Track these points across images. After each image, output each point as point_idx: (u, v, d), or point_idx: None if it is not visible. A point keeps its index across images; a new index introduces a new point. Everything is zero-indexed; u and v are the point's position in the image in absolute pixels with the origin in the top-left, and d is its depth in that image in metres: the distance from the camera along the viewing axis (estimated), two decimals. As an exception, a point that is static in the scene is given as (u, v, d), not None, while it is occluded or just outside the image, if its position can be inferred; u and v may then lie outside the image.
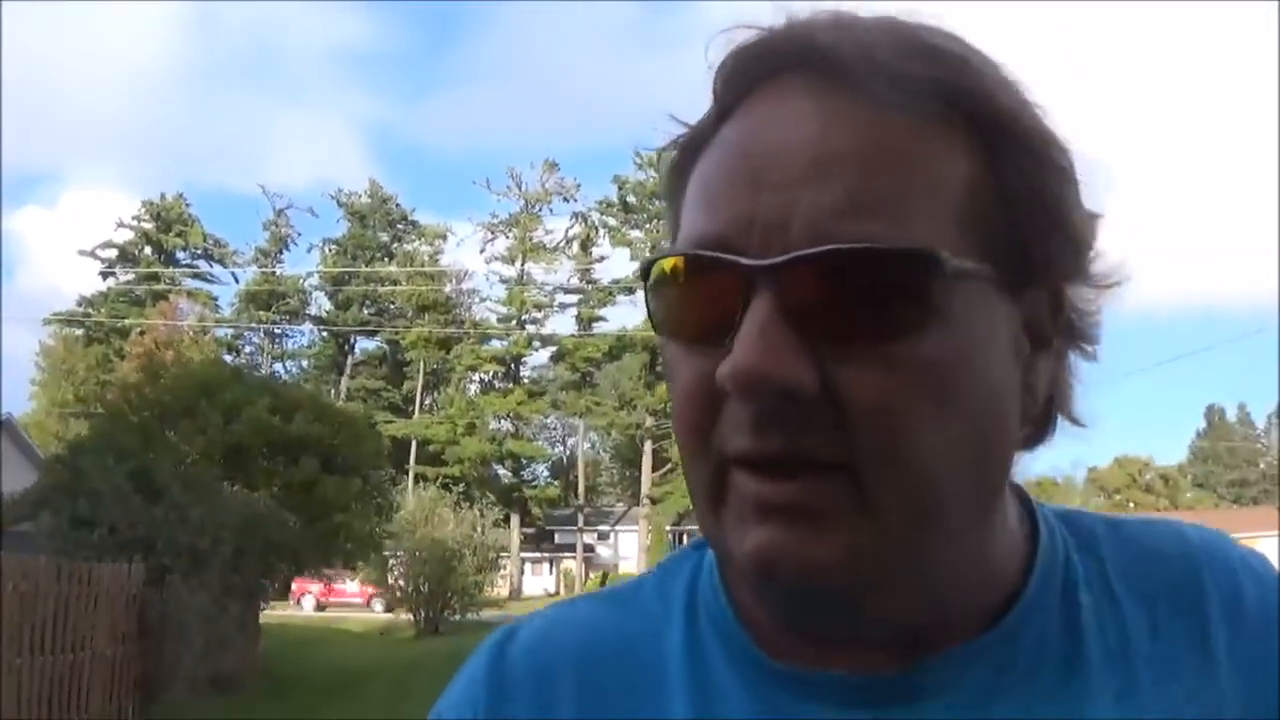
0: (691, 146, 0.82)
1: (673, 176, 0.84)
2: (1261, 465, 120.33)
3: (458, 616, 34.65)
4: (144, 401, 22.46)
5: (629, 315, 70.81)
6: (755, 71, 0.79)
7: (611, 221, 71.87)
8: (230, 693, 15.96)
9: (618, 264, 71.90)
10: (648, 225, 70.44)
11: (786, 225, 0.72)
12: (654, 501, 66.79)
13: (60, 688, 12.50)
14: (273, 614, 27.15)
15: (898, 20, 0.79)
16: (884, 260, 0.71)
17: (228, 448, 21.15)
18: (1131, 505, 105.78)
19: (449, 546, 33.91)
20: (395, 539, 31.07)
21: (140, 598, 14.51)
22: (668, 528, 67.27)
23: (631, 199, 70.42)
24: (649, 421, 66.73)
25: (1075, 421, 0.86)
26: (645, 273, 0.80)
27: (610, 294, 72.06)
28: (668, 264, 0.78)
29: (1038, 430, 0.84)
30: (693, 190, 0.80)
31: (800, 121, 0.75)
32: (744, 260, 0.72)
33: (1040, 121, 0.79)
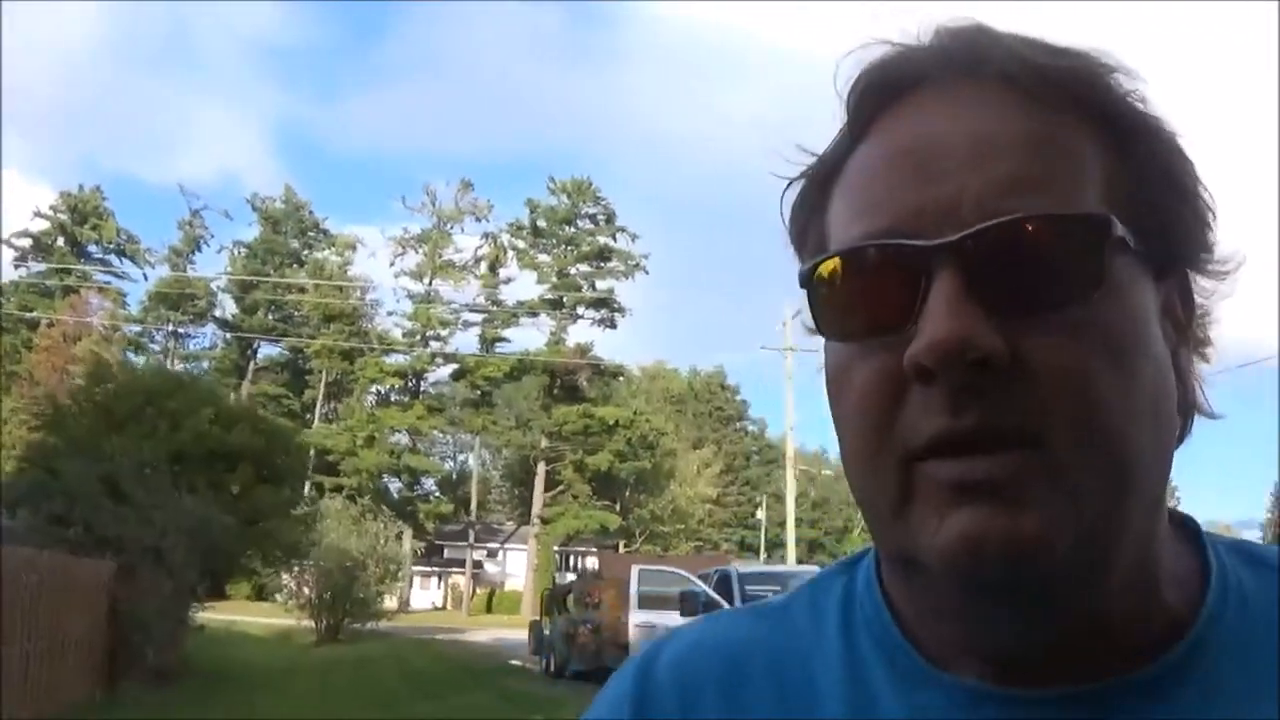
0: (828, 170, 0.85)
1: (810, 197, 0.86)
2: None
3: (357, 625, 35.97)
4: (92, 405, 23.47)
5: (531, 338, 72.20)
6: (895, 83, 0.82)
7: (520, 244, 73.27)
8: (172, 684, 17.06)
9: (524, 286, 73.31)
10: (555, 250, 72.02)
11: (955, 209, 0.74)
12: (544, 521, 68.10)
13: (39, 672, 13.35)
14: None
15: (1014, 29, 0.83)
16: (1058, 226, 0.74)
17: (171, 454, 22.04)
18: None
19: (354, 557, 35.30)
20: (316, 547, 32.26)
21: (111, 592, 15.68)
22: (555, 548, 68.63)
23: (542, 223, 71.94)
24: (544, 443, 68.07)
25: (1211, 415, 0.87)
26: (807, 278, 0.81)
27: (514, 316, 73.35)
28: (830, 265, 0.79)
29: (1181, 430, 0.84)
30: (841, 204, 0.83)
31: (950, 118, 0.78)
32: (923, 242, 0.74)
33: (1157, 111, 0.82)
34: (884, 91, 0.82)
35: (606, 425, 67.79)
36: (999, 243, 0.73)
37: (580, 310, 72.86)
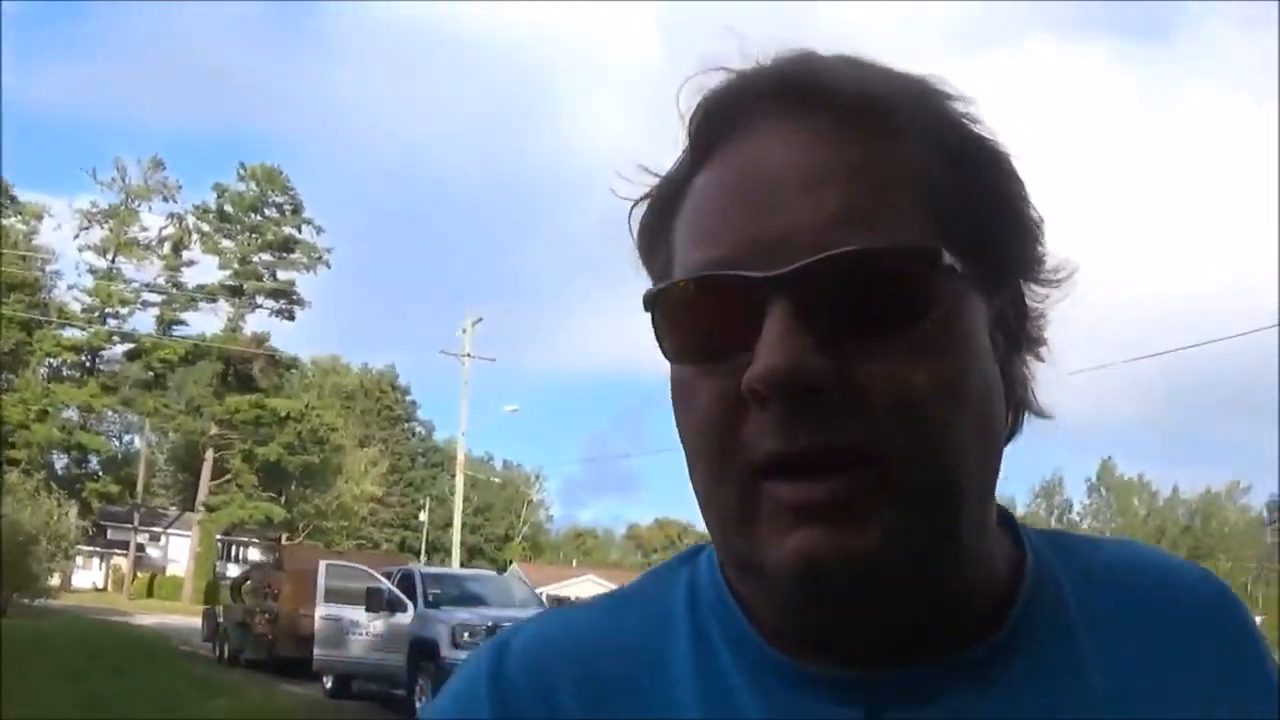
0: (671, 192, 0.88)
1: (655, 221, 0.90)
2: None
3: (26, 600, 34.94)
4: None
5: (209, 322, 70.90)
6: (732, 111, 0.85)
7: (206, 228, 71.88)
8: None
9: (206, 270, 71.91)
10: (240, 236, 70.94)
11: (789, 240, 0.78)
12: (210, 509, 66.96)
13: None
14: None
15: (847, 54, 0.86)
16: (886, 258, 0.77)
17: None
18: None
19: (26, 531, 34.49)
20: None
21: None
22: (218, 537, 67.60)
23: (229, 208, 70.75)
24: (214, 430, 66.99)
25: (1042, 415, 0.91)
26: (651, 303, 0.85)
27: (194, 299, 71.92)
28: (676, 291, 0.83)
29: (1010, 427, 0.89)
30: (683, 229, 0.86)
31: (785, 148, 0.82)
32: (758, 274, 0.77)
33: (990, 130, 0.87)
34: (722, 120, 0.85)
35: (278, 417, 67.24)
36: (829, 274, 0.76)
37: (260, 299, 72.00)
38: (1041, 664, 0.85)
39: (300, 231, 72.55)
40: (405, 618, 18.95)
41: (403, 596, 19.40)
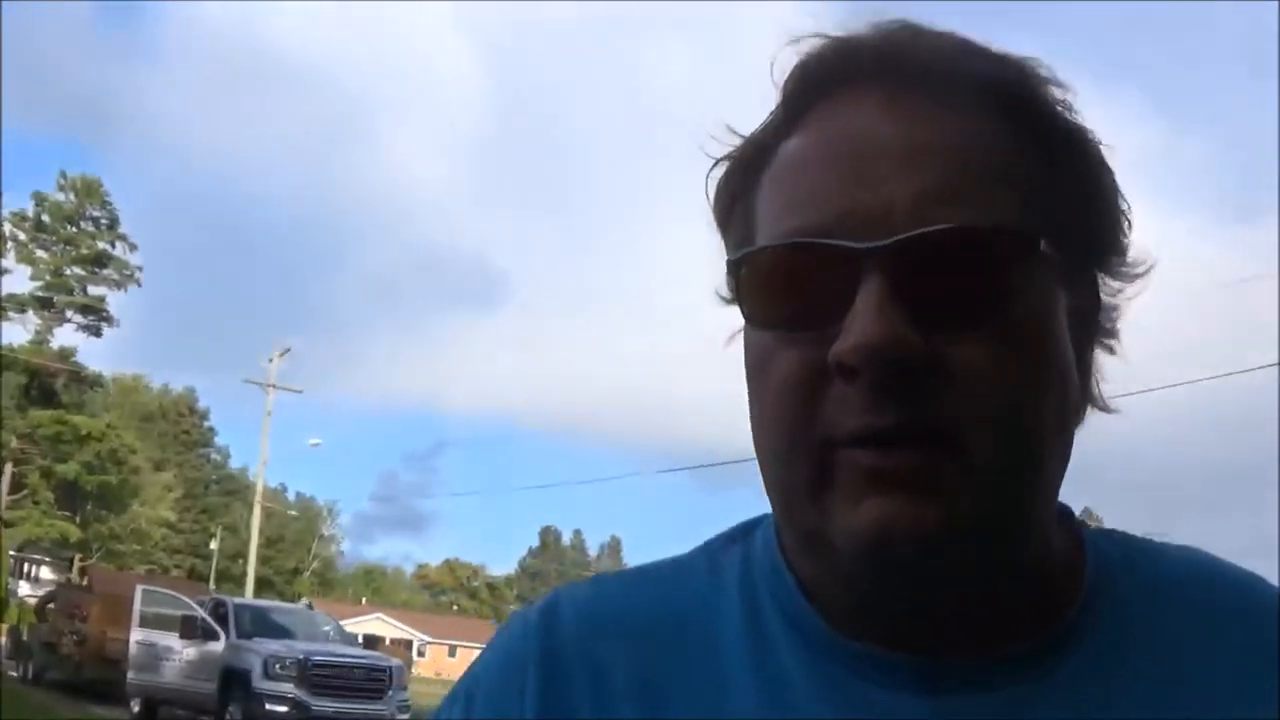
0: (757, 154, 0.87)
1: (738, 180, 0.88)
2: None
3: None
4: None
5: (16, 333, 69.49)
6: (829, 78, 0.84)
7: (22, 236, 70.59)
8: None
9: (18, 279, 70.58)
10: (55, 248, 69.83)
11: (886, 214, 0.77)
12: (7, 524, 65.35)
13: None
14: None
15: (951, 31, 0.85)
16: (983, 238, 0.77)
17: None
18: (456, 608, 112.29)
19: None
20: None
21: None
22: (12, 552, 66.20)
23: (47, 218, 69.60)
24: (14, 443, 65.71)
25: (1107, 409, 0.90)
26: (734, 267, 0.84)
27: (3, 308, 70.52)
28: (766, 256, 0.82)
29: (1079, 414, 0.88)
30: (772, 192, 0.84)
31: (884, 120, 0.81)
32: (855, 245, 0.76)
33: (1081, 117, 0.85)
34: (819, 84, 0.84)
35: (78, 434, 65.98)
36: (925, 251, 0.76)
37: (69, 313, 70.85)
38: (1100, 663, 0.84)
39: (114, 247, 71.64)
40: (217, 646, 19.59)
41: (215, 625, 20.00)
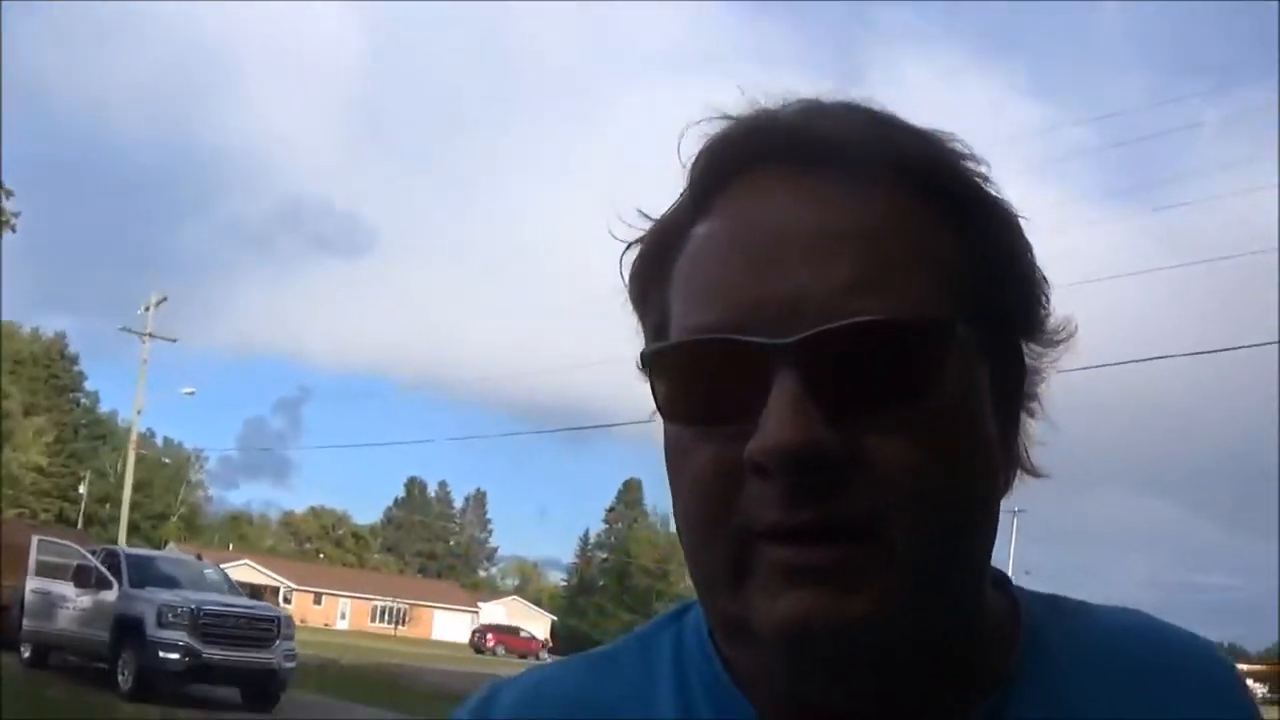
0: (667, 239, 0.85)
1: (650, 268, 0.86)
2: (451, 542, 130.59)
3: None
4: None
5: None
6: (736, 161, 0.82)
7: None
8: None
9: None
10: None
11: (796, 306, 0.75)
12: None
13: None
14: None
15: (856, 103, 0.83)
16: (898, 330, 0.75)
17: None
18: (321, 556, 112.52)
19: None
20: None
21: None
22: None
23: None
24: None
25: (1035, 474, 0.89)
26: (649, 361, 0.82)
27: None
28: (676, 352, 0.80)
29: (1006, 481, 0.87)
30: (682, 282, 0.82)
31: (793, 204, 0.78)
32: (767, 341, 0.74)
33: (996, 190, 0.84)
34: (726, 168, 0.82)
35: (-52, 378, 65.59)
36: (839, 344, 0.73)
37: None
38: None
39: (-14, 190, 70.76)
40: (111, 595, 20.22)
41: (109, 575, 20.63)
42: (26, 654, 22.44)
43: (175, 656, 18.97)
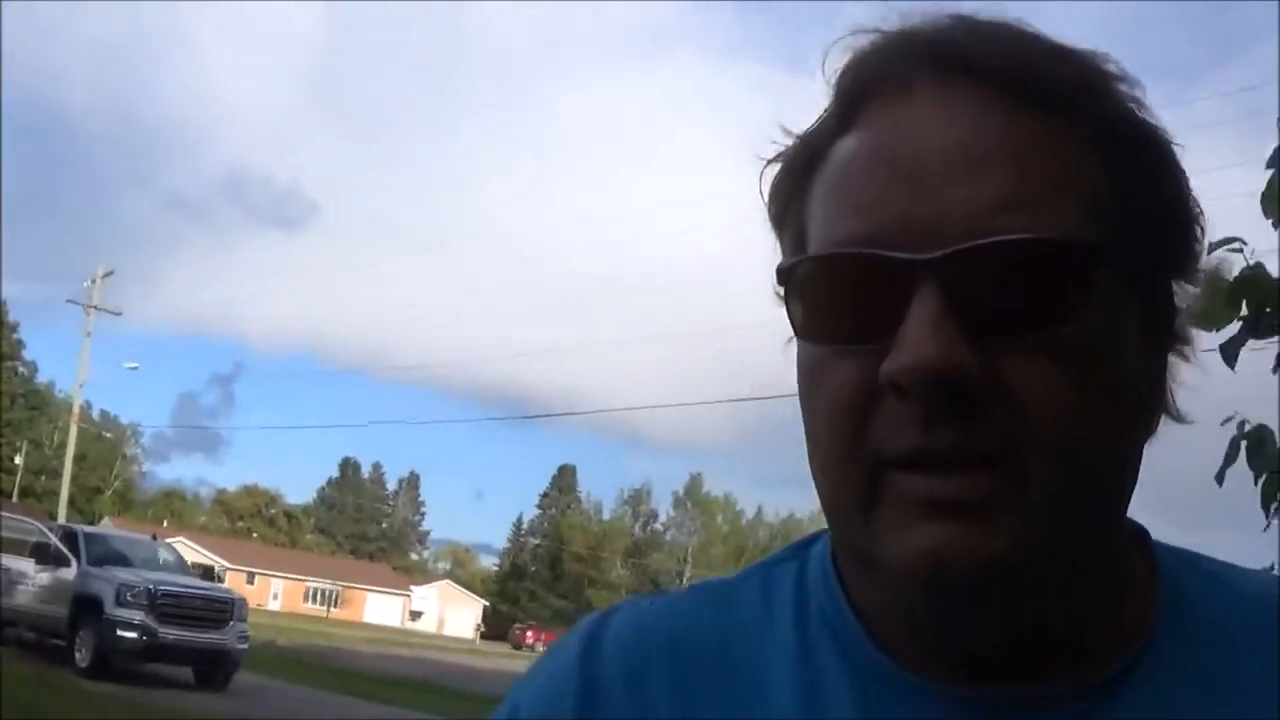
0: (810, 154, 0.83)
1: (791, 183, 0.84)
2: (384, 524, 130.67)
3: None
4: None
5: None
6: (883, 74, 0.79)
7: None
8: None
9: None
10: None
11: (943, 222, 0.73)
12: None
13: None
14: None
15: (1008, 20, 0.80)
16: (1045, 250, 0.72)
17: None
18: (255, 535, 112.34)
19: None
20: None
21: None
22: None
23: None
24: None
25: (1180, 419, 0.85)
26: (785, 275, 0.80)
27: None
28: (815, 266, 0.79)
29: (1150, 424, 0.84)
30: (825, 196, 0.80)
31: (943, 121, 0.76)
32: (910, 256, 0.72)
33: (1154, 118, 0.80)
34: (874, 83, 0.80)
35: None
36: (984, 263, 0.72)
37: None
38: (1168, 695, 0.79)
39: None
40: (69, 573, 20.61)
41: (67, 552, 21.02)
42: (-18, 629, 22.74)
43: (133, 635, 19.36)
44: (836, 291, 0.77)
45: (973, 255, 0.72)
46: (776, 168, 0.86)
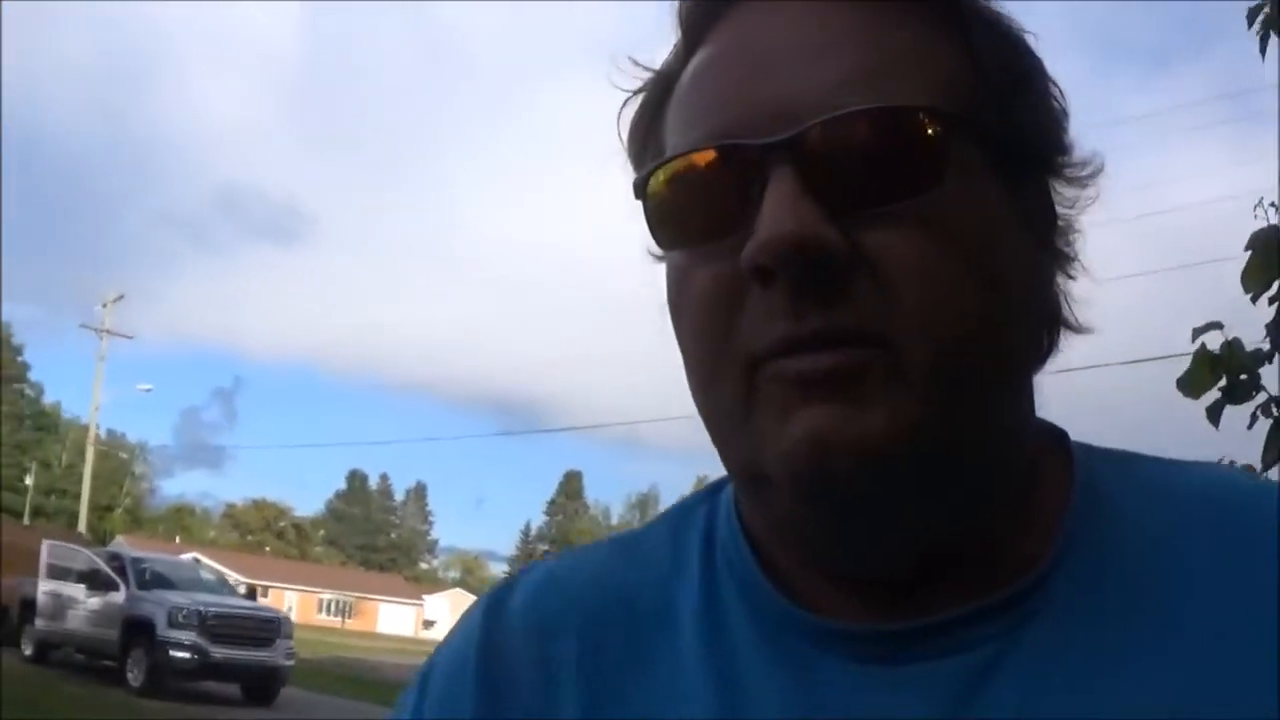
0: (664, 84, 0.82)
1: (646, 115, 0.83)
2: (393, 535, 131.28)
3: None
4: None
5: None
6: None
7: None
8: None
9: None
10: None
11: (791, 106, 0.71)
12: None
13: None
14: None
15: None
16: (895, 118, 0.71)
17: None
18: (267, 549, 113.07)
19: None
20: None
21: None
22: None
23: None
24: None
25: (1080, 330, 0.83)
26: (640, 188, 0.78)
27: None
28: (665, 172, 0.76)
29: (1046, 344, 0.82)
30: (677, 108, 0.79)
31: (784, 21, 0.75)
32: (757, 141, 0.71)
33: (1003, 7, 0.79)
34: (719, 3, 0.79)
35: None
36: (835, 138, 0.70)
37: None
38: (1088, 605, 0.75)
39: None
40: (119, 597, 21.33)
41: (116, 577, 21.79)
42: (28, 651, 23.47)
43: (186, 655, 20.07)
44: (690, 191, 0.76)
45: (822, 131, 0.70)
46: (633, 107, 0.85)
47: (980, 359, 0.73)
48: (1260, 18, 3.56)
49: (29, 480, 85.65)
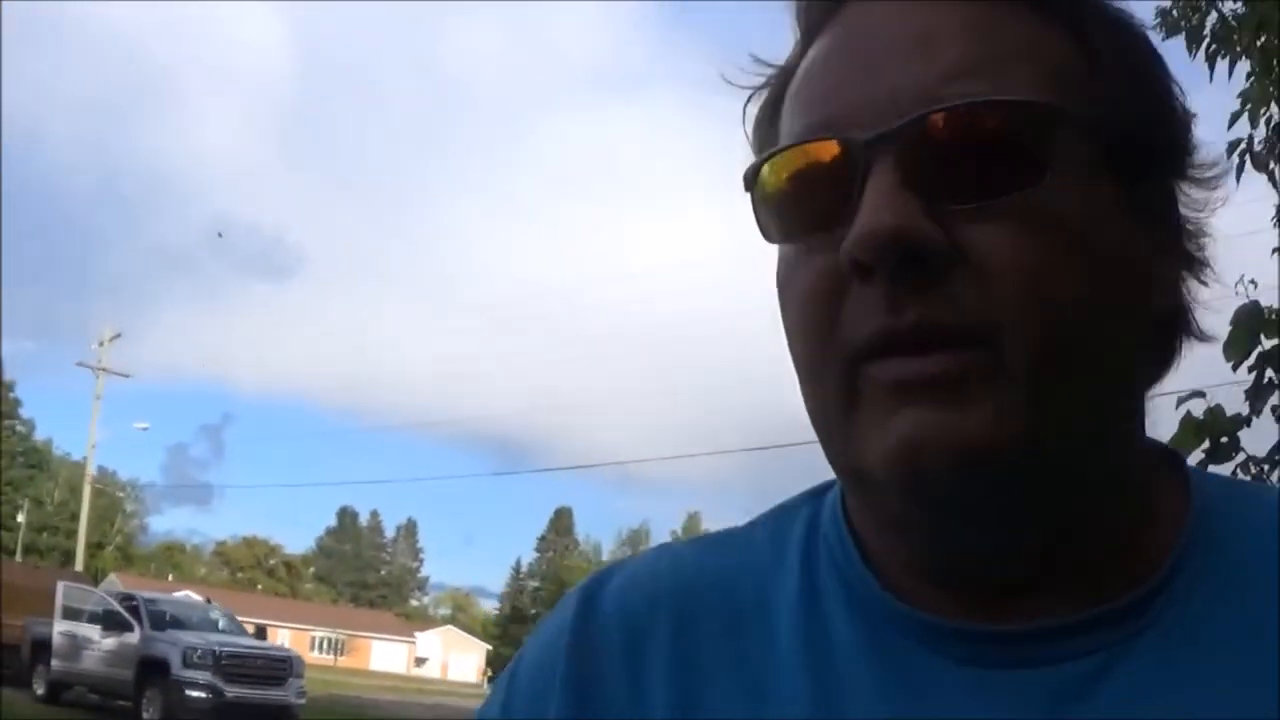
0: (783, 77, 0.82)
1: (766, 111, 0.83)
2: (383, 571, 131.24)
3: None
4: None
5: None
6: None
7: None
8: None
9: None
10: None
11: (895, 99, 0.71)
12: None
13: None
14: None
15: None
16: (999, 112, 0.70)
17: None
18: (259, 587, 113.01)
19: None
20: None
21: None
22: None
23: None
24: None
25: (1202, 338, 0.81)
26: (750, 181, 0.78)
27: None
28: (770, 166, 0.77)
29: (1165, 351, 0.80)
30: (790, 103, 0.80)
31: (895, 15, 0.75)
32: (858, 135, 0.71)
33: (1127, 8, 0.78)
34: (826, 4, 0.80)
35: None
36: (937, 131, 0.70)
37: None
38: (1204, 620, 0.74)
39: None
40: (133, 637, 21.68)
41: (130, 618, 22.15)
42: (40, 691, 23.70)
43: (201, 695, 20.45)
44: (795, 185, 0.76)
45: (924, 124, 0.70)
46: (756, 103, 0.86)
47: (1084, 358, 0.71)
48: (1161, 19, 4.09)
49: (21, 518, 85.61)
